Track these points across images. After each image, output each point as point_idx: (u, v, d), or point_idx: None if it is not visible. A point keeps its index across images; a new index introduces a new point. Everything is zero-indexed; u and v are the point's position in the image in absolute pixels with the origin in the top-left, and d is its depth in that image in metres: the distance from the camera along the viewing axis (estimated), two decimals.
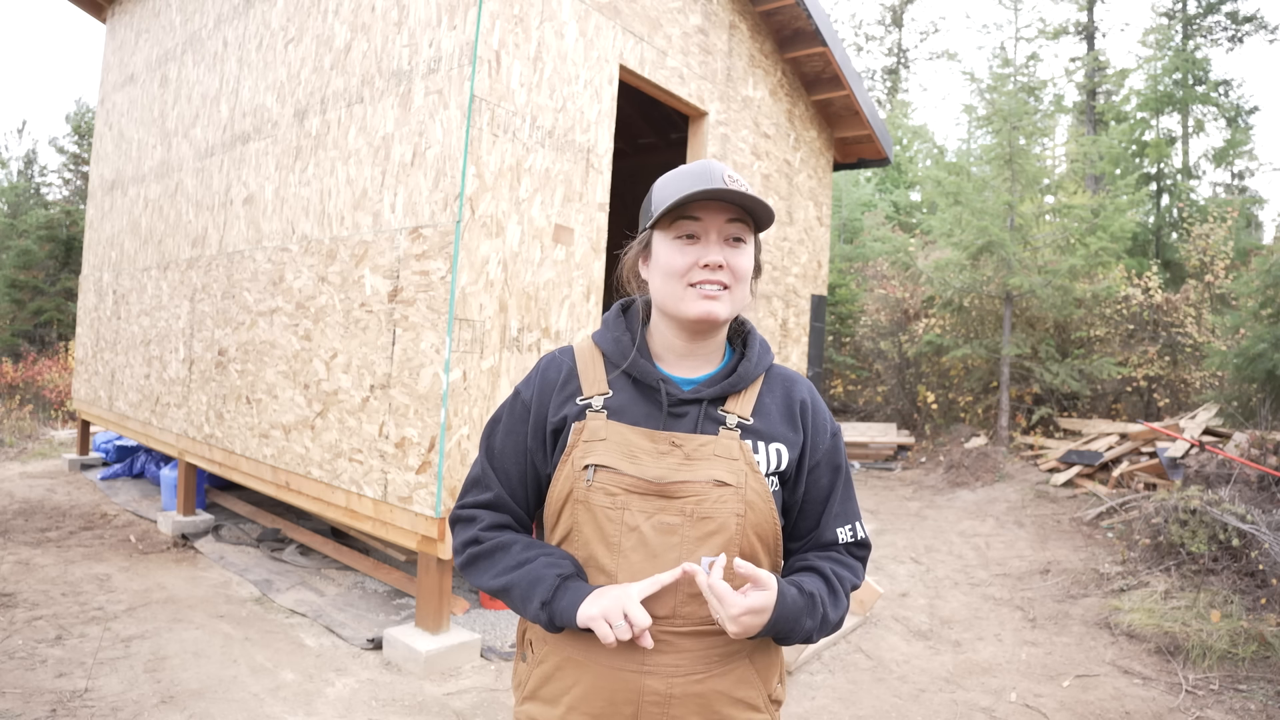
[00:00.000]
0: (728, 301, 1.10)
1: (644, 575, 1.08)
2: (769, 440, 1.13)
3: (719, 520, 1.08)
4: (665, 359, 1.18)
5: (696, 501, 1.08)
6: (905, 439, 9.63)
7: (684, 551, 1.07)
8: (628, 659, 1.09)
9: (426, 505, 3.40)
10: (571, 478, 1.12)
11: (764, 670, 1.16)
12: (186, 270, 5.31)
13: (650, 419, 1.13)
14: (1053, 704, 3.32)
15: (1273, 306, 6.58)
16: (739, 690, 1.11)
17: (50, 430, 9.07)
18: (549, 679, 1.14)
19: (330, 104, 4.14)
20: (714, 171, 1.08)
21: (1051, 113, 10.73)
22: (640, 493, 1.09)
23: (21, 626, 3.50)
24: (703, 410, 1.13)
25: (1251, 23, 15.36)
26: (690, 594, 1.08)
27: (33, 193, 21.06)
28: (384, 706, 3.04)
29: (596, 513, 1.10)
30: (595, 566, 1.11)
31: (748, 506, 1.08)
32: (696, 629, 1.09)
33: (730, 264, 1.09)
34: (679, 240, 1.10)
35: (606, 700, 1.09)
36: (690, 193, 1.05)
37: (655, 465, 1.10)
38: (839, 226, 14.89)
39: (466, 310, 3.43)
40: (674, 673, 1.08)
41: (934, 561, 5.49)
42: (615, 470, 1.10)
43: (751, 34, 5.60)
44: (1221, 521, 4.61)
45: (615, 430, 1.12)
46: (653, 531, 1.08)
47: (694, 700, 1.09)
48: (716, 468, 1.09)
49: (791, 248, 6.18)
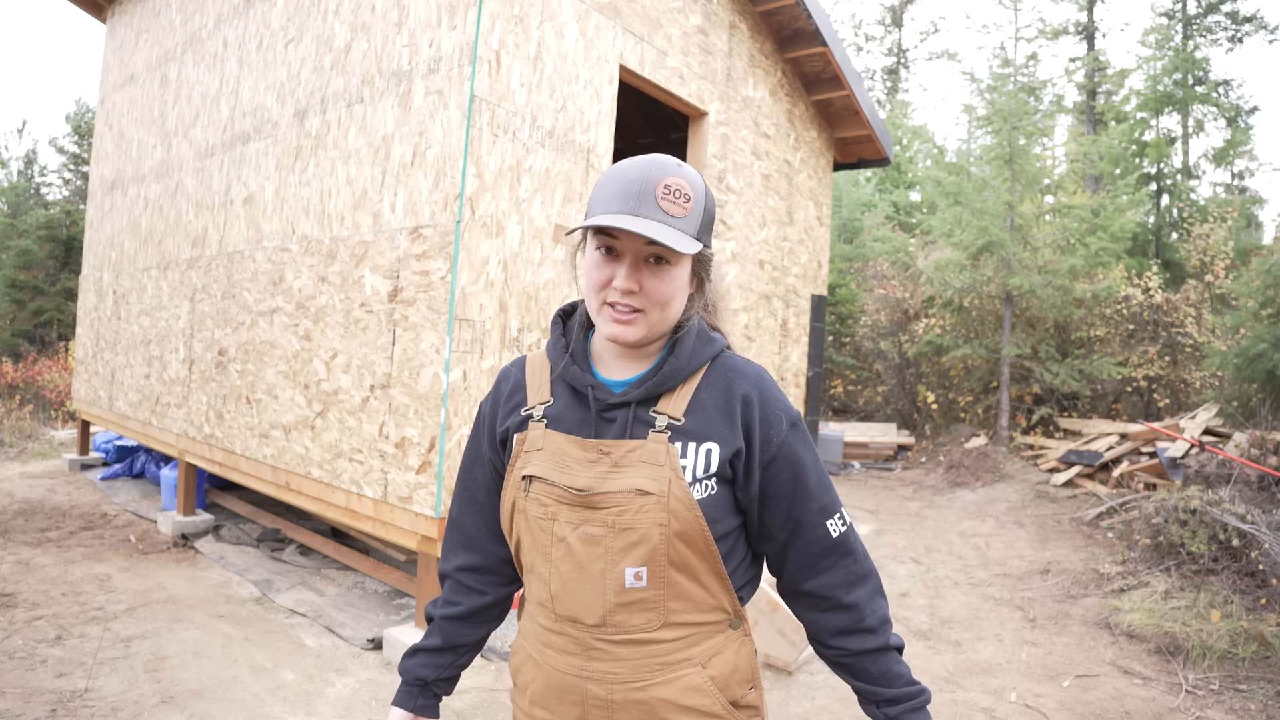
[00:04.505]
0: (641, 325, 1.06)
1: (574, 585, 1.08)
2: (700, 440, 1.08)
3: (641, 531, 1.05)
4: (603, 360, 1.16)
5: (618, 512, 1.06)
6: (905, 439, 9.63)
7: (609, 562, 1.06)
8: (569, 664, 1.10)
9: (426, 505, 3.41)
10: (514, 489, 1.14)
11: (722, 677, 1.11)
12: (186, 270, 5.31)
13: (583, 425, 1.11)
14: (1053, 704, 3.32)
15: (1273, 306, 6.58)
16: (688, 698, 1.08)
17: (50, 430, 9.07)
18: (519, 670, 1.19)
19: (330, 104, 4.14)
20: (646, 190, 1.01)
21: (1051, 113, 10.73)
22: (568, 503, 1.08)
23: (21, 626, 3.50)
24: (631, 413, 1.10)
25: (1251, 23, 15.36)
26: (618, 604, 1.06)
27: (33, 193, 21.06)
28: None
29: (532, 523, 1.11)
30: (535, 575, 1.13)
31: (671, 515, 1.05)
32: (630, 637, 1.07)
33: (646, 288, 1.04)
34: (598, 252, 1.06)
35: (558, 699, 1.12)
36: (599, 220, 1.00)
37: (584, 474, 1.08)
38: (839, 226, 14.89)
39: (466, 310, 3.43)
40: (612, 680, 1.08)
41: (934, 561, 5.49)
42: (546, 481, 1.10)
43: (751, 34, 5.60)
44: (1221, 521, 4.61)
45: (551, 440, 1.11)
46: (579, 542, 1.07)
47: (637, 707, 1.07)
48: (641, 475, 1.06)
49: (791, 248, 6.18)
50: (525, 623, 1.20)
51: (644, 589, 1.06)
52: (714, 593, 1.10)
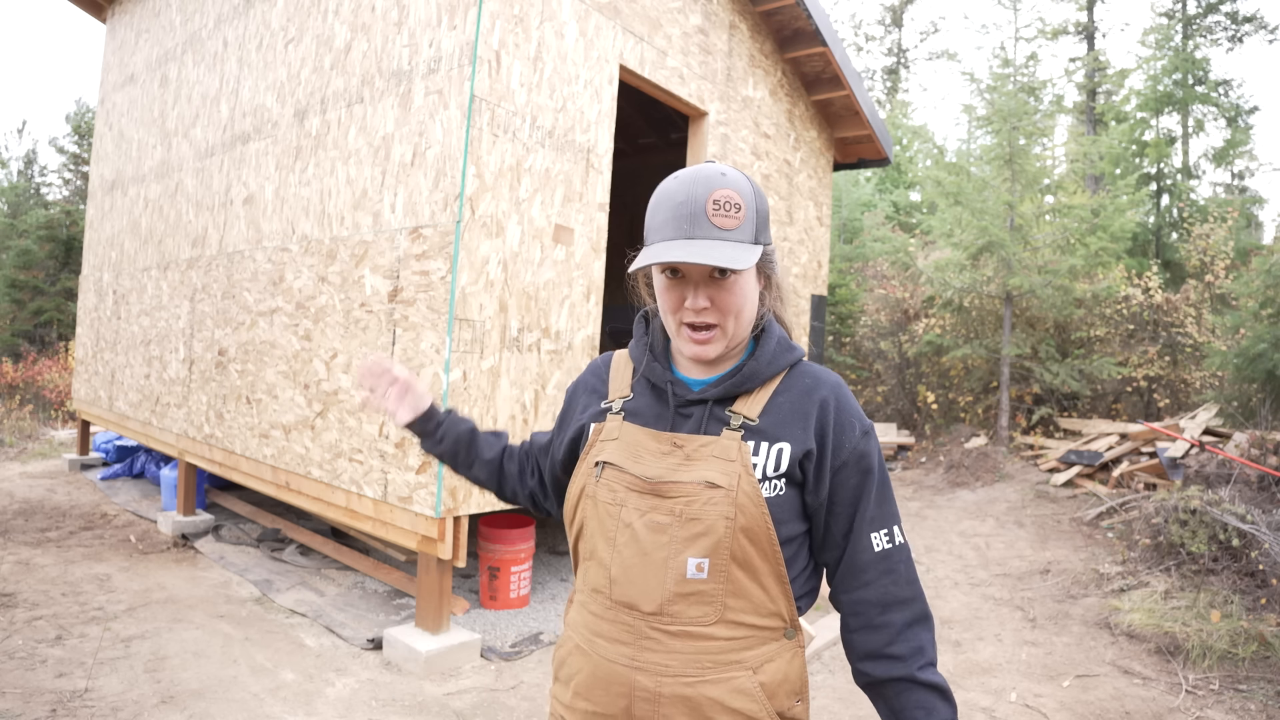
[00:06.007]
0: (719, 341, 1.10)
1: (635, 571, 1.09)
2: (773, 441, 1.10)
3: (707, 522, 1.07)
4: (683, 364, 1.19)
5: (686, 502, 1.08)
6: (905, 439, 9.63)
7: (672, 551, 1.08)
8: (620, 653, 1.10)
9: (426, 505, 3.40)
10: (585, 474, 1.17)
11: (772, 685, 1.10)
12: (186, 270, 5.31)
13: (660, 420, 1.15)
14: (1053, 704, 3.32)
15: (1273, 306, 6.58)
16: (735, 700, 1.08)
17: (50, 430, 9.07)
18: (564, 663, 1.20)
19: (330, 104, 4.14)
20: (696, 210, 1.03)
21: (1051, 113, 10.71)
22: (638, 490, 1.11)
23: (21, 626, 3.50)
24: (708, 410, 1.13)
25: (1251, 23, 15.36)
26: (678, 593, 1.07)
27: (33, 193, 21.06)
28: (384, 706, 3.04)
29: (600, 508, 1.14)
30: (595, 560, 1.15)
31: (738, 510, 1.06)
32: (686, 629, 1.08)
33: (716, 302, 1.08)
34: (664, 276, 1.10)
35: (603, 690, 1.12)
36: (656, 255, 1.03)
37: (655, 465, 1.11)
38: (839, 226, 14.89)
39: (466, 310, 3.43)
40: (663, 672, 1.08)
41: (934, 561, 5.49)
42: (619, 468, 1.13)
43: (751, 34, 5.60)
44: (1221, 521, 4.61)
45: (628, 431, 1.15)
46: (644, 529, 1.10)
47: (683, 703, 1.08)
48: (712, 469, 1.08)
49: (791, 248, 6.18)
50: (574, 615, 1.21)
51: (704, 580, 1.07)
52: (773, 597, 1.10)
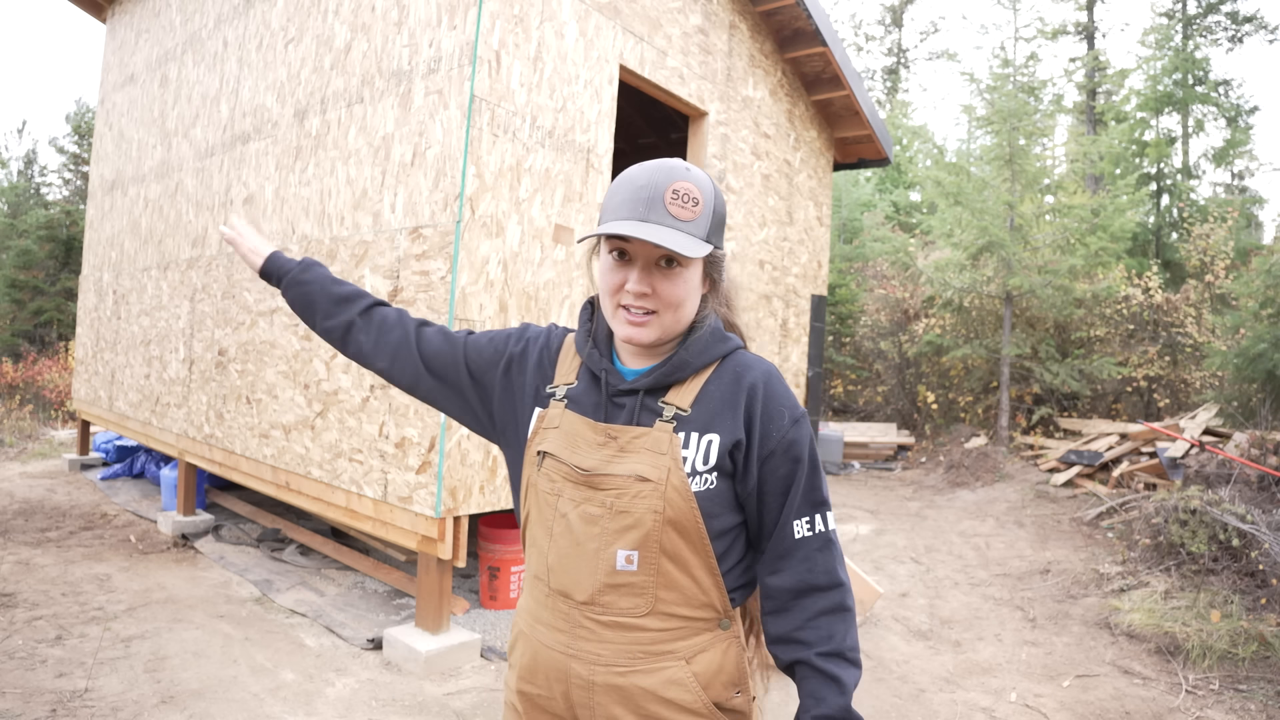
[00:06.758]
0: (654, 327, 1.09)
1: (569, 560, 1.11)
2: (704, 431, 1.10)
3: (636, 515, 1.08)
4: (624, 351, 1.19)
5: (616, 495, 1.09)
6: (905, 439, 9.63)
7: (603, 542, 1.09)
8: (556, 640, 1.13)
9: (426, 505, 3.40)
10: (530, 463, 1.18)
11: (706, 675, 1.10)
12: (186, 270, 5.31)
13: (596, 409, 1.15)
14: (1053, 704, 3.32)
15: (1273, 306, 6.58)
16: (668, 691, 1.08)
17: (50, 430, 9.07)
18: (513, 647, 1.23)
19: (330, 104, 4.14)
20: (655, 195, 1.05)
21: (1051, 113, 10.73)
22: (574, 481, 1.12)
23: (21, 626, 3.50)
24: (639, 401, 1.13)
25: (1251, 23, 15.36)
26: (608, 584, 1.09)
27: (33, 193, 21.06)
28: (384, 706, 3.04)
29: (540, 497, 1.15)
30: (536, 548, 1.17)
31: (666, 503, 1.07)
32: (618, 620, 1.09)
33: (658, 290, 1.08)
34: (611, 256, 1.10)
35: (544, 675, 1.15)
36: (609, 227, 1.04)
37: (591, 456, 1.12)
38: (839, 226, 14.89)
39: (466, 310, 3.43)
40: (595, 661, 1.10)
41: (934, 561, 5.49)
42: (557, 458, 1.14)
43: (751, 34, 5.60)
44: (1221, 521, 4.61)
45: (568, 420, 1.15)
46: (578, 520, 1.11)
47: (615, 692, 1.09)
48: (643, 462, 1.09)
49: (791, 248, 6.18)
50: (523, 600, 1.23)
51: (634, 573, 1.08)
52: (705, 588, 1.10)
